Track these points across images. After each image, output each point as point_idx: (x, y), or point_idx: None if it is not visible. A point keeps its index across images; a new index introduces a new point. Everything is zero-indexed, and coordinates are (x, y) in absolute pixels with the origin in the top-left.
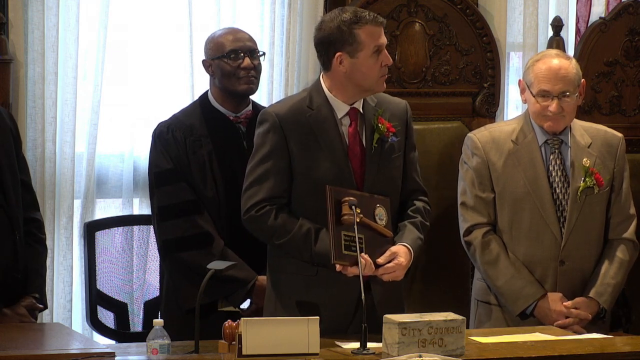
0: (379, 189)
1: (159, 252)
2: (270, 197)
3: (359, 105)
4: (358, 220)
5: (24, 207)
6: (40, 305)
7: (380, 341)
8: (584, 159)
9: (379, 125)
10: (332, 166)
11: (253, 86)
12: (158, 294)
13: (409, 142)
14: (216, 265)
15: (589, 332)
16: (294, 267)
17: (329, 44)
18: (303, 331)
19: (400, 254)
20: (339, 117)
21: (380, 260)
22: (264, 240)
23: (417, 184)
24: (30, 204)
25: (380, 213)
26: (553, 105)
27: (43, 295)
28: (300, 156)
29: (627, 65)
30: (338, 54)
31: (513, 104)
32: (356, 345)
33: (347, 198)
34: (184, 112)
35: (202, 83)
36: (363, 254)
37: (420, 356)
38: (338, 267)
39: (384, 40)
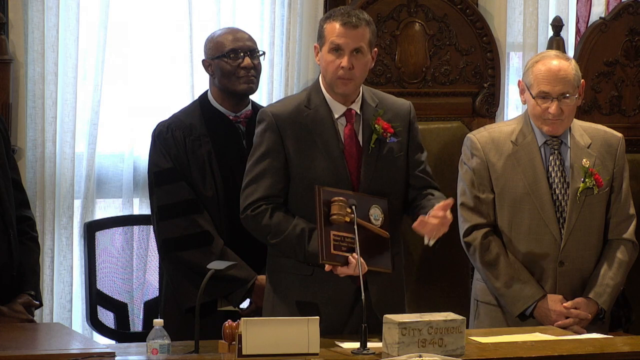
0: (376, 190)
1: (158, 251)
2: (266, 197)
3: (356, 106)
4: (348, 220)
5: (16, 206)
6: (37, 302)
7: (379, 341)
8: (584, 160)
9: (376, 126)
10: (328, 166)
11: (253, 85)
12: (158, 294)
13: (412, 143)
14: (216, 265)
15: (588, 332)
16: (292, 266)
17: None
18: (303, 331)
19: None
20: (336, 118)
21: (439, 207)
22: (260, 240)
23: (426, 181)
24: (22, 202)
25: (376, 213)
26: (553, 107)
27: (38, 293)
28: (296, 156)
29: (627, 65)
30: (315, 44)
31: (513, 104)
32: (356, 345)
33: (336, 198)
34: (184, 111)
35: (202, 83)
36: (354, 253)
37: (420, 356)
38: (327, 267)
39: (344, 41)
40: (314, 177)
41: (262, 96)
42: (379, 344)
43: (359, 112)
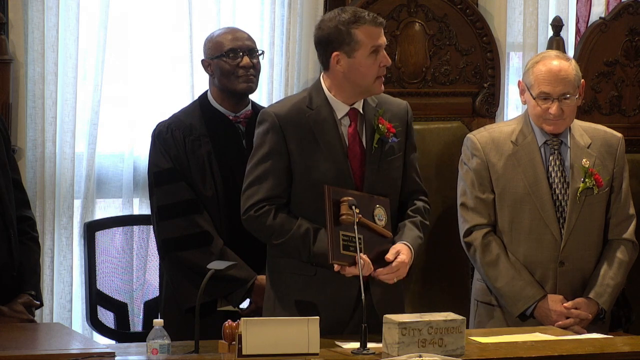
0: (378, 190)
1: (158, 251)
2: (269, 197)
3: (359, 106)
4: (357, 220)
5: (17, 206)
6: (37, 302)
7: (380, 341)
8: (584, 160)
9: (379, 125)
10: (332, 167)
11: (252, 85)
12: (158, 294)
13: (409, 143)
14: (216, 265)
15: (589, 332)
16: (293, 267)
17: (327, 44)
18: (303, 331)
19: (403, 251)
20: (339, 118)
21: (390, 257)
22: (263, 240)
23: (417, 185)
24: (23, 202)
25: (380, 214)
26: (553, 108)
27: (39, 293)
28: (299, 157)
29: (627, 65)
30: (335, 53)
31: (513, 104)
32: (356, 345)
33: (345, 198)
34: (184, 111)
35: (202, 83)
36: (361, 254)
37: (420, 356)
38: (336, 267)
39: (382, 40)
40: (317, 177)
41: (262, 96)
42: (379, 344)
43: (361, 111)
